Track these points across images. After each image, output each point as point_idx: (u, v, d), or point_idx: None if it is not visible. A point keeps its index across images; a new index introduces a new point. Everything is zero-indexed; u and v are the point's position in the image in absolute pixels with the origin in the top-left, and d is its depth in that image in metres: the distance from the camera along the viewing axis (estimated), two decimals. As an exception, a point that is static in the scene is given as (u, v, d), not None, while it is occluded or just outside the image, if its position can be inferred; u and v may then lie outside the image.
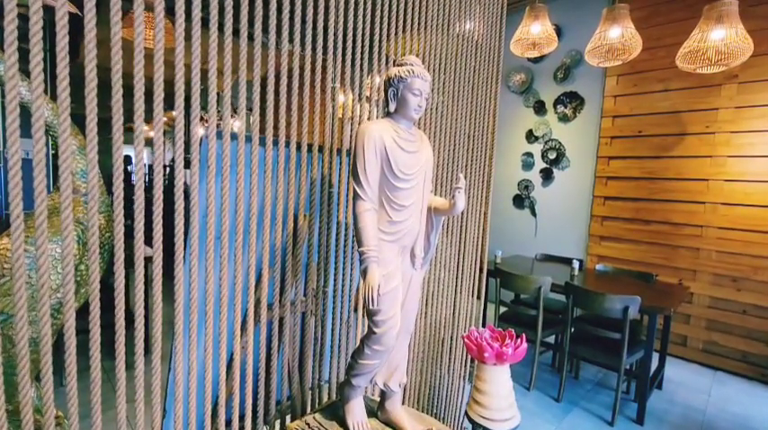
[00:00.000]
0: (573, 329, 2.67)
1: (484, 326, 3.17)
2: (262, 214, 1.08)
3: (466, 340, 1.52)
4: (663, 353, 2.79)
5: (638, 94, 3.43)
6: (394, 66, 0.98)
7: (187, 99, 0.96)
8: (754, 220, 2.94)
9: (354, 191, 0.94)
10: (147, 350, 1.10)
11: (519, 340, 1.55)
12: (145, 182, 1.15)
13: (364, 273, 0.92)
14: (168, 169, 6.22)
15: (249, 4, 1.02)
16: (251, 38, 1.03)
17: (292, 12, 1.07)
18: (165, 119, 0.88)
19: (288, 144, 1.10)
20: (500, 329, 1.63)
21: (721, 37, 2.31)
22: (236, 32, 1.05)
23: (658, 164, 3.35)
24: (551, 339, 3.06)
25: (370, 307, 0.90)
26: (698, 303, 3.19)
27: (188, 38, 0.95)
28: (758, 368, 2.96)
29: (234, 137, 1.01)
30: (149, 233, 0.92)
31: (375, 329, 0.96)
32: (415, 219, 0.98)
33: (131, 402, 0.89)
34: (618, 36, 2.61)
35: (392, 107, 0.97)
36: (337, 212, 1.26)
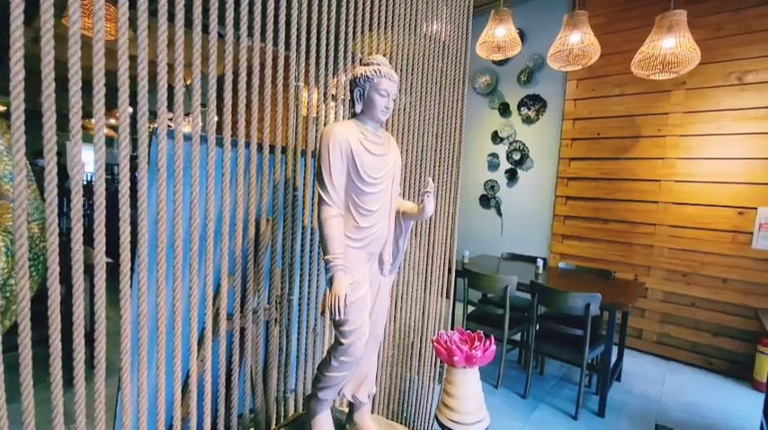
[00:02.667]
0: (538, 327, 2.73)
1: (453, 326, 3.20)
2: (220, 220, 1.01)
3: (435, 344, 1.50)
4: (621, 347, 2.92)
5: (597, 97, 3.57)
6: (360, 65, 0.94)
7: (134, 95, 0.88)
8: (701, 219, 3.13)
9: (319, 196, 0.89)
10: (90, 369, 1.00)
11: (488, 342, 1.55)
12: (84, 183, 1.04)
13: (330, 281, 0.87)
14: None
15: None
16: (205, 30, 0.96)
17: (251, 3, 1.00)
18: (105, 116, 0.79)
19: (248, 145, 1.04)
20: (469, 331, 1.63)
21: (671, 45, 2.44)
22: (188, 23, 0.97)
23: (615, 165, 3.50)
24: (518, 336, 3.13)
25: (337, 317, 0.86)
26: (652, 297, 3.36)
27: (133, 27, 0.87)
28: (705, 357, 3.16)
29: (188, 137, 0.94)
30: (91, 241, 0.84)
31: (342, 340, 0.92)
32: (384, 225, 0.94)
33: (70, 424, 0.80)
34: (578, 41, 2.69)
35: (358, 108, 0.93)
36: (302, 216, 1.21)
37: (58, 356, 0.78)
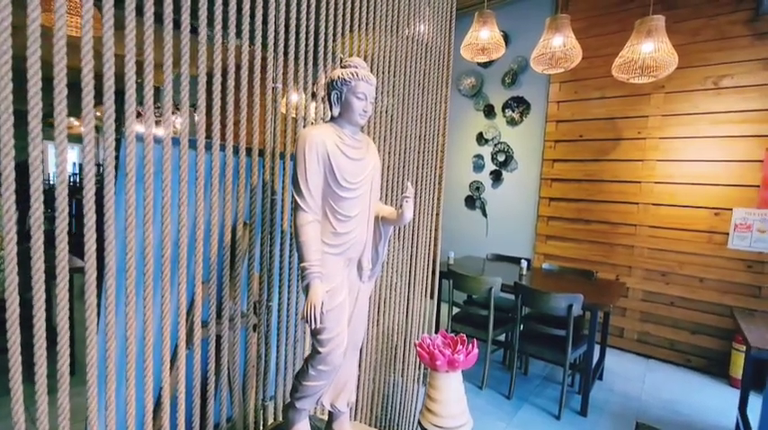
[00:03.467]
0: (522, 327, 2.75)
1: (438, 328, 3.20)
2: (194, 225, 0.97)
3: (418, 348, 1.49)
4: (603, 346, 2.96)
5: (579, 100, 3.62)
6: (338, 67, 0.92)
7: (99, 94, 0.84)
8: (679, 219, 3.20)
9: (295, 201, 0.87)
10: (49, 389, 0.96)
11: (470, 346, 1.54)
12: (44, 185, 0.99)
13: (306, 289, 0.85)
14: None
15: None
16: (177, 25, 0.92)
17: (226, 2, 0.97)
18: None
19: (223, 147, 1.00)
20: (452, 334, 1.62)
21: (650, 50, 2.48)
22: (159, 18, 0.93)
23: (597, 166, 3.55)
24: (502, 337, 3.15)
25: (313, 326, 0.84)
26: (633, 297, 3.42)
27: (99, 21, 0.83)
28: (683, 354, 3.23)
29: (159, 140, 0.91)
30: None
31: (320, 349, 0.89)
32: (362, 230, 0.92)
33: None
34: (560, 45, 2.72)
35: (335, 111, 0.91)
36: (281, 221, 1.18)
37: (19, 369, 0.74)
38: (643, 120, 3.33)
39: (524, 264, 3.00)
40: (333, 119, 0.93)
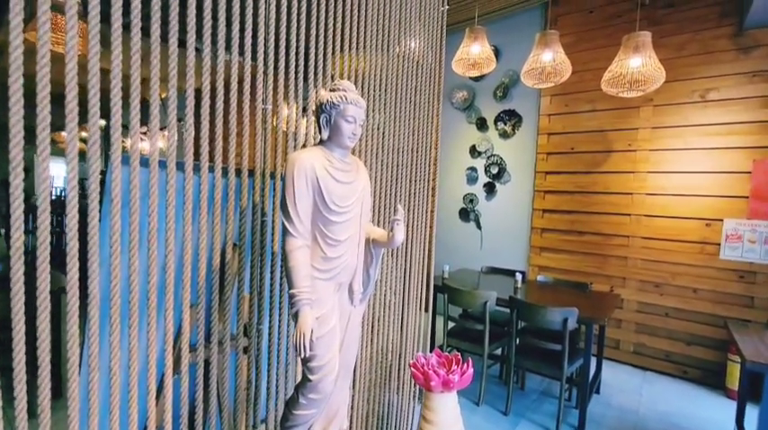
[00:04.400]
0: (518, 341, 2.73)
1: (433, 343, 3.17)
2: (182, 250, 0.95)
3: (413, 369, 1.47)
4: (599, 358, 2.94)
5: (570, 113, 3.66)
6: (326, 91, 0.92)
7: (83, 109, 0.82)
8: (671, 230, 3.22)
9: (284, 226, 0.85)
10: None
11: (465, 365, 1.52)
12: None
13: (295, 316, 0.83)
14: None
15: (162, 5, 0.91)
16: (164, 39, 0.92)
17: (215, 17, 0.97)
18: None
19: (212, 169, 0.99)
20: (446, 353, 1.60)
21: (638, 64, 2.53)
22: (145, 31, 0.92)
23: (589, 178, 3.58)
24: (499, 351, 3.12)
25: (302, 355, 0.82)
26: (627, 308, 3.42)
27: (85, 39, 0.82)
28: (679, 366, 3.22)
29: (145, 162, 0.89)
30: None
31: (310, 377, 0.87)
32: (352, 254, 0.91)
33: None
34: (550, 60, 2.76)
35: (324, 135, 0.91)
36: (272, 242, 1.16)
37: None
38: (633, 133, 3.37)
39: (519, 276, 3.00)
40: (322, 142, 0.92)
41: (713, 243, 3.06)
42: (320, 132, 0.92)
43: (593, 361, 2.85)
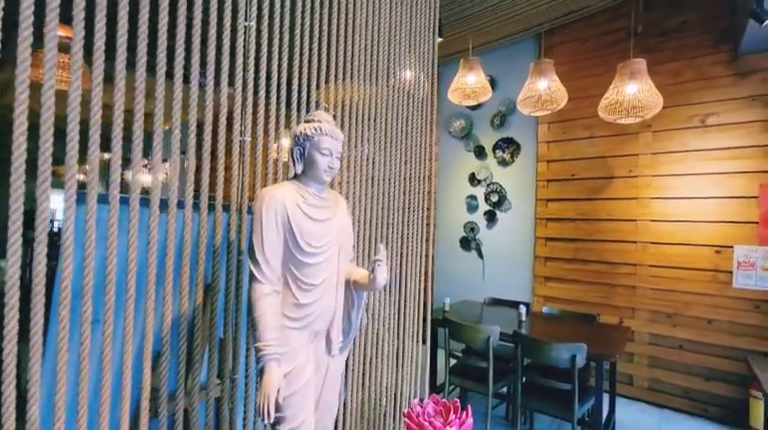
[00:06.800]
0: (524, 379, 2.57)
1: (435, 382, 3.00)
2: (143, 292, 0.87)
3: (407, 420, 1.34)
4: (612, 396, 2.76)
5: (568, 140, 3.63)
6: (301, 122, 0.87)
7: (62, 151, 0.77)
8: (680, 258, 3.10)
9: (250, 271, 0.77)
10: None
11: (464, 414, 1.39)
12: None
13: (261, 373, 0.74)
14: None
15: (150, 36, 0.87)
16: (151, 70, 0.87)
17: (188, 49, 0.93)
18: None
19: (181, 204, 0.93)
20: (445, 400, 1.47)
21: (634, 91, 2.51)
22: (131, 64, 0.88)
23: (591, 205, 3.50)
24: (505, 389, 2.94)
25: (265, 421, 0.72)
26: (639, 340, 3.25)
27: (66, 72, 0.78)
28: (700, 403, 3.01)
29: (103, 198, 0.83)
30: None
31: (281, 440, 0.77)
32: (329, 299, 0.82)
33: None
34: (545, 88, 2.76)
35: (299, 168, 0.84)
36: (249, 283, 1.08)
37: None
38: (633, 159, 3.32)
39: (523, 309, 2.86)
40: (296, 176, 0.86)
41: (725, 271, 2.93)
42: (294, 166, 0.86)
43: (606, 398, 2.67)
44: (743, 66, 2.90)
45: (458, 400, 1.38)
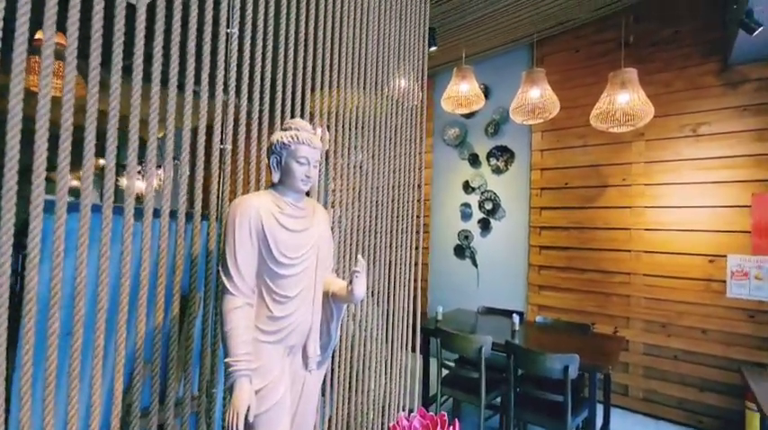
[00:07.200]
0: (518, 390, 2.53)
1: (427, 392, 2.95)
2: (116, 304, 0.85)
3: (391, 434, 1.31)
4: (607, 408, 2.72)
5: (562, 148, 3.64)
6: (279, 130, 0.85)
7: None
8: (674, 267, 3.09)
9: (222, 283, 0.75)
10: None
11: (452, 428, 1.36)
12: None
13: (231, 390, 0.71)
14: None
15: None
16: (129, 72, 0.86)
17: (167, 54, 0.91)
18: None
19: (157, 213, 0.90)
20: (432, 414, 1.44)
21: (626, 100, 2.52)
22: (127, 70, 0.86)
23: (585, 214, 3.49)
24: (498, 399, 2.90)
25: (234, 439, 0.69)
26: (634, 350, 3.22)
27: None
28: (695, 415, 2.98)
29: (73, 206, 0.80)
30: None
31: (253, 459, 0.74)
32: (305, 312, 0.80)
33: None
34: (538, 97, 2.76)
35: (276, 177, 0.83)
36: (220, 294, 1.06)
37: None
38: (627, 167, 3.32)
39: (516, 318, 2.84)
40: (273, 185, 0.84)
41: (719, 280, 2.92)
42: (271, 175, 0.84)
43: (600, 408, 2.64)
44: (733, 76, 2.92)
45: (445, 414, 1.35)
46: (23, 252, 0.75)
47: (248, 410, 0.68)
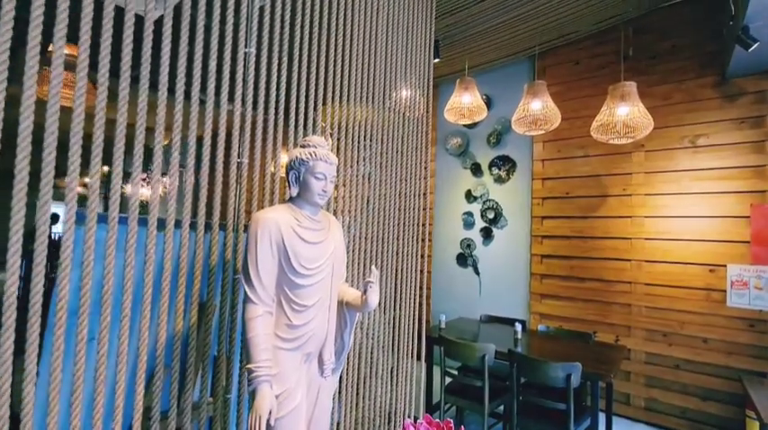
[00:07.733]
0: (520, 398, 2.55)
1: (430, 400, 2.97)
2: (139, 310, 0.89)
3: (398, 440, 1.34)
4: (608, 415, 2.74)
5: (563, 158, 3.69)
6: (297, 147, 0.90)
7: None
8: (675, 276, 3.12)
9: (244, 292, 0.79)
10: None
11: (457, 434, 1.39)
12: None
13: (253, 395, 0.74)
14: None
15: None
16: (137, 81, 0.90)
17: (190, 67, 0.96)
18: None
19: (178, 224, 0.95)
20: (438, 421, 1.47)
21: (626, 113, 2.57)
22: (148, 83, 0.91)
23: (586, 223, 3.53)
24: (502, 408, 2.91)
25: (258, 442, 0.72)
26: (635, 359, 3.24)
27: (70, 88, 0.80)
28: (696, 424, 2.99)
29: (102, 218, 0.85)
30: None
31: (272, 461, 0.77)
32: (322, 320, 0.84)
33: None
34: (539, 108, 2.82)
35: (293, 191, 0.87)
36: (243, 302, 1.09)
37: None
38: (627, 178, 3.37)
39: (518, 327, 2.86)
40: (291, 199, 0.88)
41: (719, 290, 2.95)
42: (289, 189, 0.88)
43: (603, 417, 2.65)
44: (731, 89, 2.98)
45: (451, 421, 1.38)
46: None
47: (270, 414, 0.72)
